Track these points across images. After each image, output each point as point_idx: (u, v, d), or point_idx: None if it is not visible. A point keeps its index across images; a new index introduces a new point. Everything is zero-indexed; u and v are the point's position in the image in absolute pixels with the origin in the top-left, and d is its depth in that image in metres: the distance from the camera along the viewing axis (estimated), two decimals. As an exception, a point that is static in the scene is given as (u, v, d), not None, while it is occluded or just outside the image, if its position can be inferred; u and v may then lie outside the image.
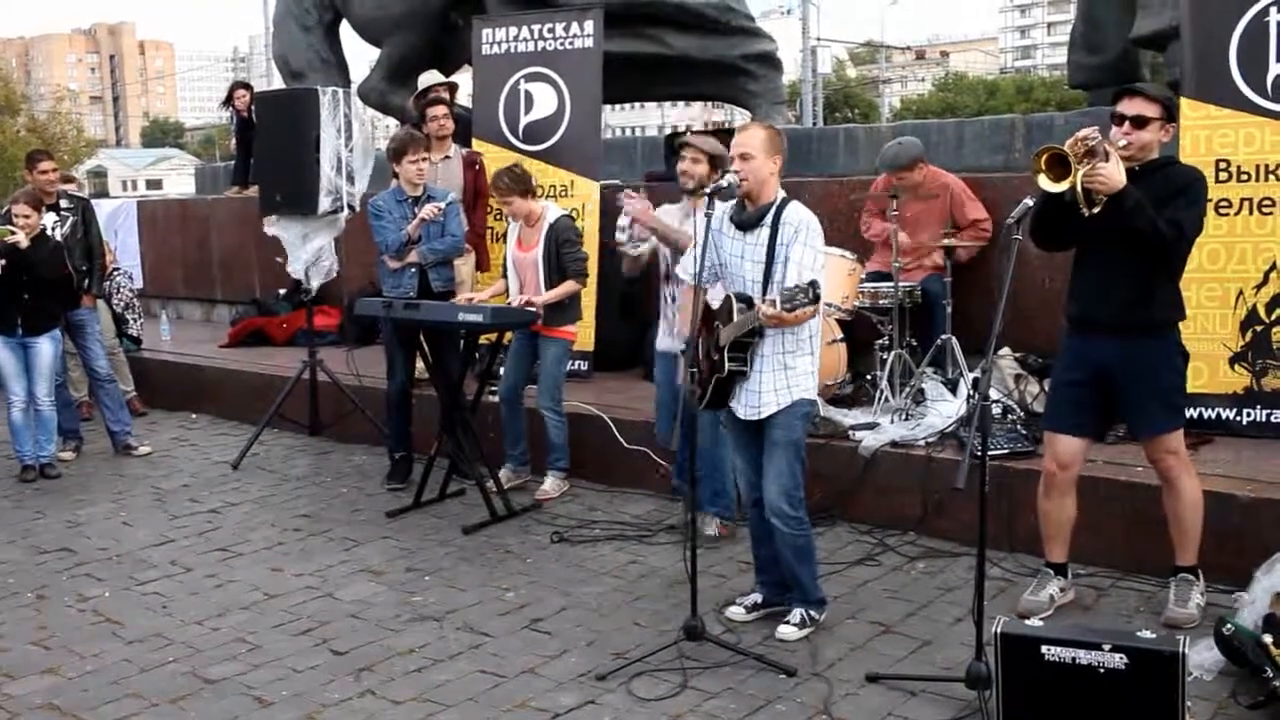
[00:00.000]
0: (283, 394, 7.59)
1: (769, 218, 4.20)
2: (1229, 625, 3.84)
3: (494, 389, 6.44)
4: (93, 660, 4.37)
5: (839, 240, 6.34)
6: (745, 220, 4.27)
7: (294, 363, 7.85)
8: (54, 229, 7.41)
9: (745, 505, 4.67)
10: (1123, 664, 3.31)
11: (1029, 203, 3.94)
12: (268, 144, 7.73)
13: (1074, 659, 3.36)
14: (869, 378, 6.35)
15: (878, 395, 6.07)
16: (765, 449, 4.27)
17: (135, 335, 9.41)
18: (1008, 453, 5.20)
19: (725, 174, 4.27)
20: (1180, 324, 4.25)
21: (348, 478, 6.91)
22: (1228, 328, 5.44)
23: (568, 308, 6.19)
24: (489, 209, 7.54)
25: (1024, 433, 5.33)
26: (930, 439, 5.55)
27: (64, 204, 7.75)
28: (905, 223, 6.33)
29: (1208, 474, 4.71)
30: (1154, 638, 3.38)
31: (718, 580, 4.94)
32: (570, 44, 7.65)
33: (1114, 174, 3.92)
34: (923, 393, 5.94)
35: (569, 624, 4.58)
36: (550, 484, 6.27)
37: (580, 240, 6.30)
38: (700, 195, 4.21)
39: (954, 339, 6.07)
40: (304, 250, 7.41)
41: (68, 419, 7.57)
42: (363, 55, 13.43)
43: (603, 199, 7.33)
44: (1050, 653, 3.39)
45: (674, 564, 4.99)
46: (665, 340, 5.61)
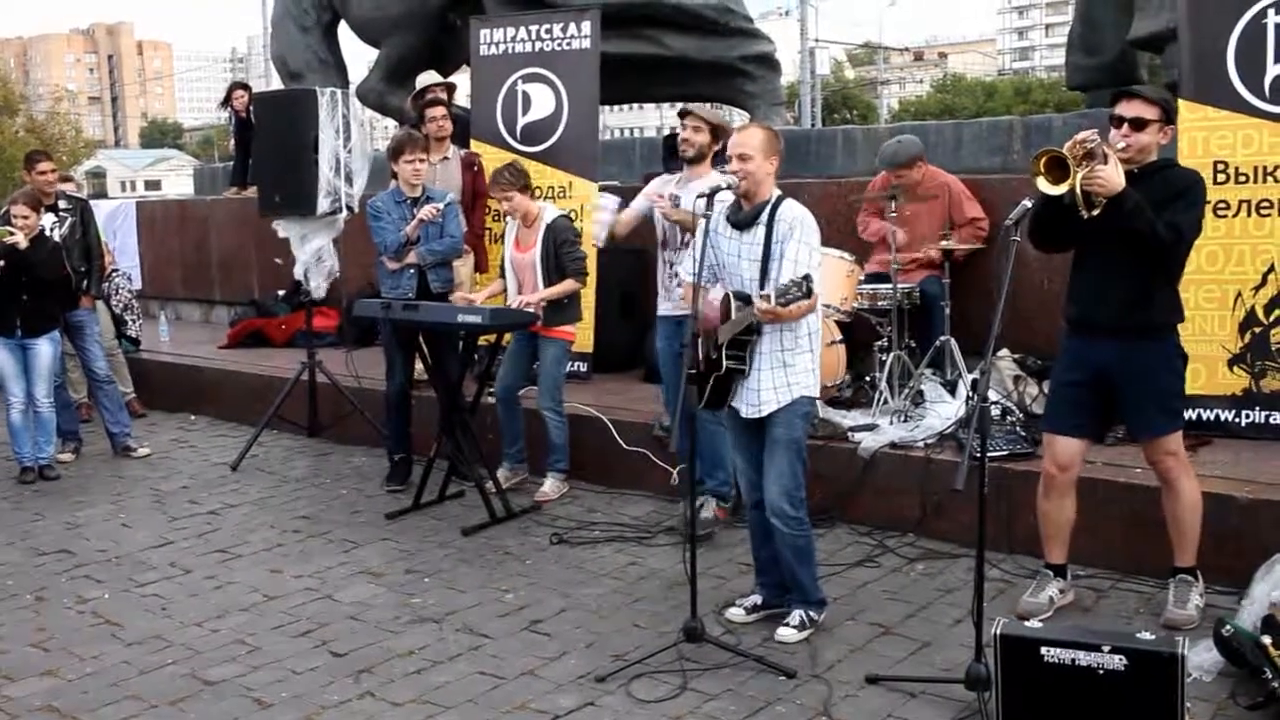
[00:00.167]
0: (282, 395, 7.59)
1: (764, 216, 4.22)
2: (1228, 626, 3.84)
3: (493, 390, 6.45)
4: (92, 662, 4.37)
5: (837, 242, 6.35)
6: (741, 220, 4.29)
7: (293, 364, 7.85)
8: (52, 230, 7.39)
9: (746, 506, 4.67)
10: (1122, 665, 3.31)
11: (1027, 204, 3.94)
12: (266, 145, 7.72)
13: (1073, 660, 3.37)
14: (868, 379, 6.35)
15: (877, 397, 6.07)
16: (766, 448, 4.28)
17: (134, 336, 9.40)
18: (1007, 454, 5.21)
19: (724, 175, 4.28)
20: (1179, 326, 4.26)
21: (347, 479, 6.91)
22: (1226, 329, 5.45)
23: (567, 308, 6.19)
24: (487, 210, 7.55)
25: (1023, 434, 5.33)
26: (929, 440, 5.55)
27: (62, 205, 7.73)
28: (903, 223, 6.33)
29: (1206, 475, 4.71)
30: (1153, 639, 3.38)
31: (717, 582, 4.94)
32: (568, 45, 7.65)
33: (1113, 176, 3.93)
34: (921, 394, 5.95)
35: (568, 625, 4.58)
36: (550, 485, 6.27)
37: (579, 240, 6.30)
38: (700, 195, 4.22)
39: (953, 340, 6.08)
40: (303, 251, 7.41)
41: (67, 420, 7.56)
42: (361, 56, 13.46)
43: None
44: (1050, 654, 3.40)
45: (673, 565, 5.00)
46: (665, 305, 5.67)
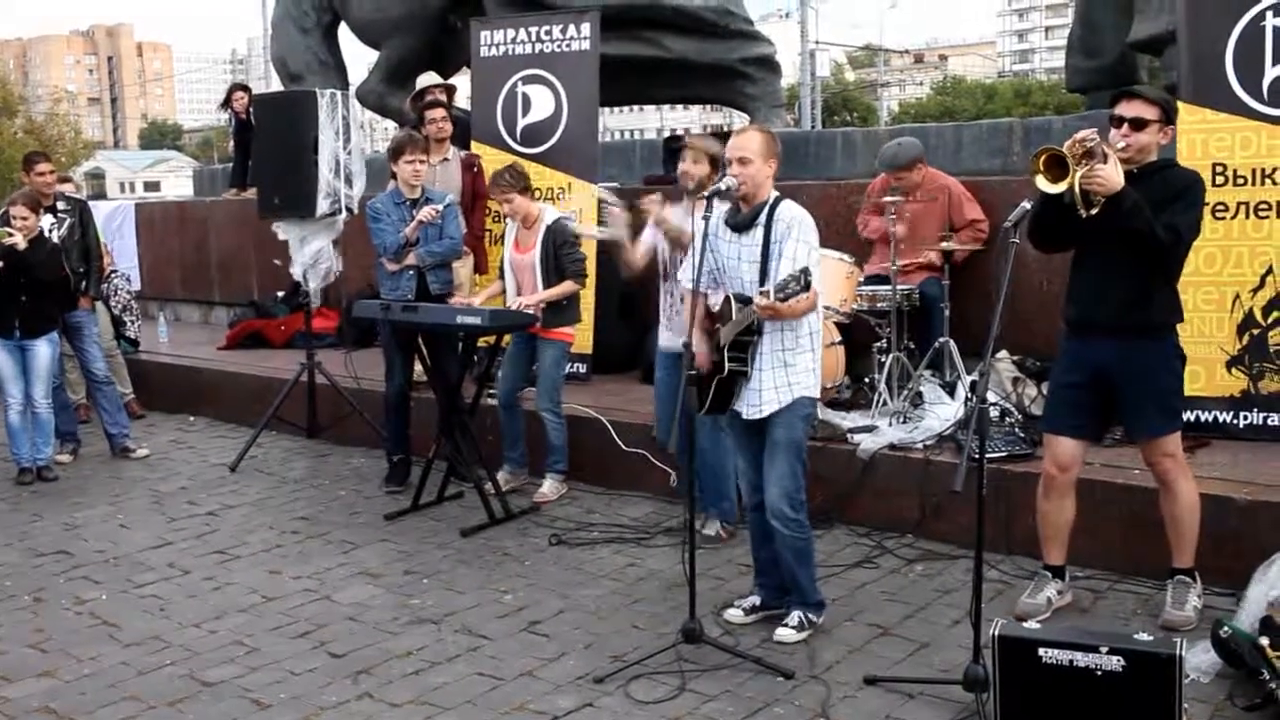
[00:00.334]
0: (281, 396, 7.59)
1: (762, 217, 4.23)
2: (1226, 628, 3.84)
3: (492, 392, 6.44)
4: (90, 663, 4.36)
5: (837, 243, 6.36)
6: (740, 222, 4.30)
7: (292, 365, 7.84)
8: (51, 231, 7.38)
9: (747, 507, 4.67)
10: (1120, 666, 3.31)
11: (1026, 206, 3.95)
12: (266, 146, 7.73)
13: (1071, 661, 3.37)
14: (867, 381, 6.35)
15: (876, 398, 6.07)
16: (766, 449, 4.28)
17: (133, 337, 9.41)
18: (1005, 455, 5.21)
19: (724, 177, 4.28)
20: (1178, 326, 4.26)
21: (346, 480, 6.90)
22: (1224, 331, 5.45)
23: (566, 309, 6.19)
24: (487, 211, 7.55)
25: (1022, 435, 5.34)
26: (928, 442, 5.55)
27: (61, 206, 7.72)
28: (903, 224, 6.32)
29: (1205, 477, 4.72)
30: (1151, 640, 3.38)
31: (716, 583, 4.94)
32: (567, 46, 7.66)
33: (1112, 175, 3.93)
34: (921, 395, 5.95)
35: (567, 626, 4.58)
36: (548, 486, 6.27)
37: (578, 241, 6.30)
38: (700, 197, 4.22)
39: (952, 342, 6.08)
40: (302, 253, 7.41)
41: (65, 421, 7.56)
42: (361, 57, 13.44)
43: (599, 203, 7.33)
44: (1048, 655, 3.40)
45: (672, 566, 5.00)
46: (667, 337, 5.59)
